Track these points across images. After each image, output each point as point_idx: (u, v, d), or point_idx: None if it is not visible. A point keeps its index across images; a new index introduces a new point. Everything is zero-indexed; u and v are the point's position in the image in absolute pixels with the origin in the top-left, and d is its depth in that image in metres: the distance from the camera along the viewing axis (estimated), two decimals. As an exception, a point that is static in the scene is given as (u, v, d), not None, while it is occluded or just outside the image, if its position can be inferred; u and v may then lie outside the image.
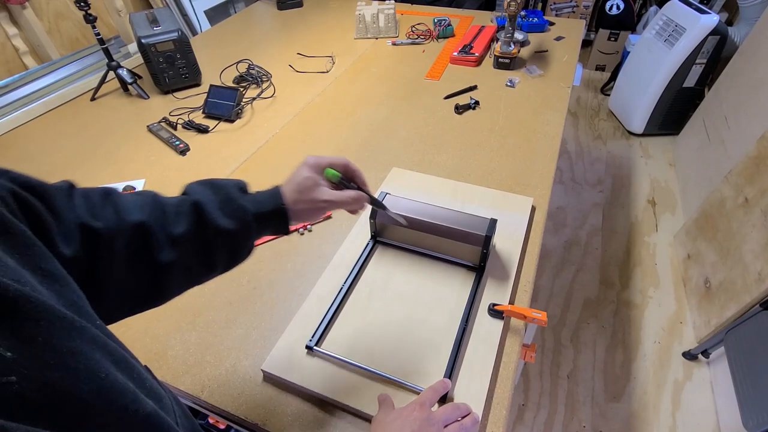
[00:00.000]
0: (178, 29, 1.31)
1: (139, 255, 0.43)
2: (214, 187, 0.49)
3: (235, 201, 0.48)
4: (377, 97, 1.33)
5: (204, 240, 0.46)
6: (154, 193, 0.47)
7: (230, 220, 0.47)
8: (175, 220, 0.45)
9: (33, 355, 0.25)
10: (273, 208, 0.50)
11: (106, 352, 0.30)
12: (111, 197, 0.43)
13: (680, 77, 2.23)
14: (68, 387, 0.26)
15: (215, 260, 0.48)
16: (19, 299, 0.25)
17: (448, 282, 0.76)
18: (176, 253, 0.44)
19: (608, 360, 1.54)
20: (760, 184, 1.36)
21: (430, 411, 0.54)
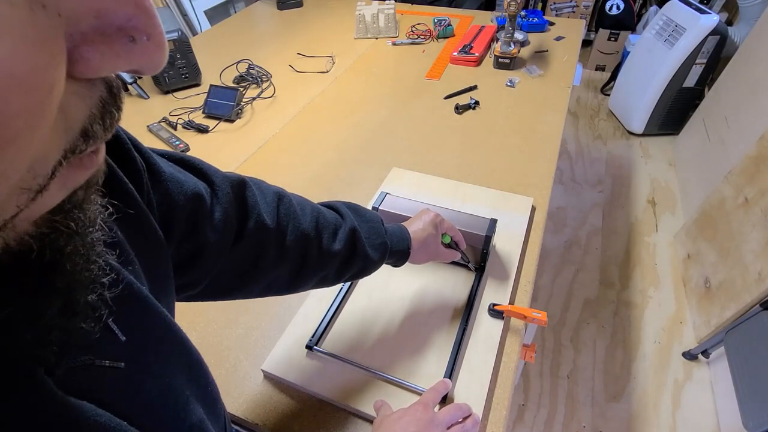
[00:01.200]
0: (178, 29, 1.31)
1: (297, 256, 0.49)
2: (360, 216, 0.57)
3: (381, 236, 0.56)
4: (377, 97, 1.33)
5: (349, 261, 0.54)
6: (313, 206, 0.54)
7: (375, 252, 0.55)
8: (333, 237, 0.52)
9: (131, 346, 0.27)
10: (403, 248, 0.59)
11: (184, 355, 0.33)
12: (284, 200, 0.50)
13: (680, 77, 2.23)
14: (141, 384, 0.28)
15: (344, 277, 0.56)
16: (138, 295, 0.28)
17: (448, 282, 0.76)
18: (325, 264, 0.52)
19: (608, 360, 1.54)
20: (760, 184, 1.36)
21: (433, 412, 0.54)
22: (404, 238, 0.59)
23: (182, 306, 0.77)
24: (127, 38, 0.16)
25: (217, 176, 0.43)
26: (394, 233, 0.59)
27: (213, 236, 0.41)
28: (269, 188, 0.50)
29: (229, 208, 0.43)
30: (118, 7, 0.15)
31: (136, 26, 0.16)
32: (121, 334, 0.26)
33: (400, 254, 0.59)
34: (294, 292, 0.53)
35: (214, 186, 0.42)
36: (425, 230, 0.62)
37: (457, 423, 0.55)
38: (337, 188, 1.00)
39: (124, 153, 0.33)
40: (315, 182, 1.02)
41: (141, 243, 0.31)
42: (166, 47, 0.17)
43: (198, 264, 0.41)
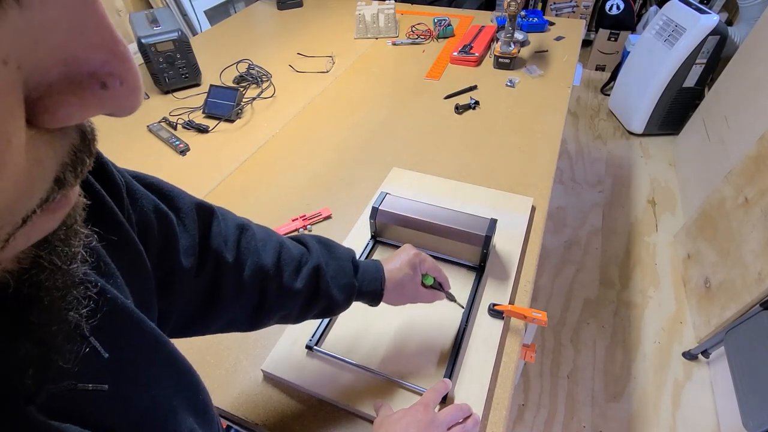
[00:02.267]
0: (178, 29, 1.31)
1: (254, 292, 0.47)
2: (330, 252, 0.53)
3: (348, 276, 0.53)
4: (377, 97, 1.33)
5: (311, 300, 0.51)
6: (279, 240, 0.51)
7: (339, 292, 0.52)
8: (294, 274, 0.49)
9: (115, 363, 0.26)
10: (374, 289, 0.55)
11: (173, 367, 0.33)
12: (246, 233, 0.48)
13: (680, 77, 2.23)
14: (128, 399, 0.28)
15: (308, 315, 0.53)
16: (124, 309, 0.28)
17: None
18: (286, 300, 0.49)
19: (608, 360, 1.54)
20: (760, 184, 1.36)
21: (434, 412, 0.54)
22: (376, 278, 0.55)
23: (182, 306, 0.77)
24: (99, 84, 0.15)
25: (185, 202, 0.42)
26: (366, 272, 0.55)
27: (183, 262, 0.40)
28: (233, 220, 0.48)
29: (195, 235, 0.42)
30: (90, 54, 0.15)
31: (109, 72, 0.15)
32: (104, 351, 0.25)
33: (371, 295, 0.55)
34: (256, 329, 0.51)
35: (180, 213, 0.41)
36: (401, 270, 0.57)
37: (457, 423, 0.55)
38: (337, 188, 1.00)
39: (101, 166, 0.32)
40: (315, 182, 1.02)
41: (122, 256, 0.31)
42: (140, 90, 0.17)
43: (170, 291, 0.40)
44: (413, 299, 0.60)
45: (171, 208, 0.40)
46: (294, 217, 0.91)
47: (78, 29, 0.14)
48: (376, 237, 0.83)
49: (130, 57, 0.16)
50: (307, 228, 0.90)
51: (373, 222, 0.80)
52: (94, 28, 0.15)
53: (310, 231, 0.90)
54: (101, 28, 0.15)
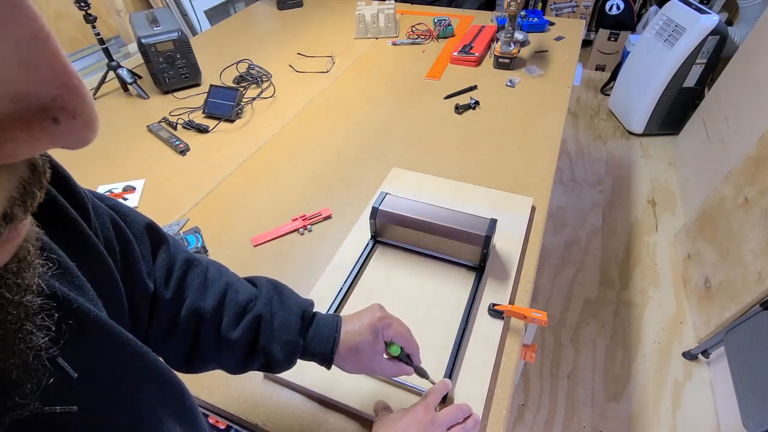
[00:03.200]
0: (178, 29, 1.31)
1: (188, 333, 0.44)
2: (282, 301, 0.48)
3: (293, 332, 0.47)
4: (377, 97, 1.33)
5: (249, 352, 0.46)
6: (228, 281, 0.47)
7: (280, 350, 0.46)
8: (234, 322, 0.45)
9: (87, 380, 0.25)
10: (322, 352, 0.48)
11: (155, 377, 0.32)
12: (193, 270, 0.45)
13: (680, 77, 2.23)
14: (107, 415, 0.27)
15: (248, 367, 0.48)
16: (96, 324, 0.27)
17: (448, 282, 0.76)
18: (221, 350, 0.45)
19: (608, 360, 1.54)
20: (760, 184, 1.36)
21: (434, 413, 0.54)
22: (328, 339, 0.48)
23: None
24: (50, 120, 0.15)
25: (138, 225, 0.41)
26: (318, 329, 0.49)
27: (148, 284, 0.39)
28: (184, 253, 0.46)
29: (149, 259, 0.41)
30: (39, 89, 0.14)
31: (61, 106, 0.15)
32: (72, 372, 0.24)
33: (320, 357, 0.48)
34: (193, 372, 0.47)
35: (135, 238, 0.40)
36: (360, 334, 0.49)
37: (457, 423, 0.55)
38: (337, 188, 1.00)
39: (64, 181, 0.32)
40: (315, 182, 1.02)
41: (92, 270, 0.30)
42: (94, 124, 0.16)
43: (139, 313, 0.39)
44: (371, 370, 0.51)
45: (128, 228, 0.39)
46: (294, 217, 0.91)
47: (27, 65, 0.14)
48: (376, 237, 0.83)
49: (84, 90, 0.16)
50: (307, 228, 0.90)
51: (373, 222, 0.80)
52: (46, 64, 0.14)
53: (311, 231, 0.90)
54: (53, 62, 0.15)
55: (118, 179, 1.04)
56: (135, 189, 1.01)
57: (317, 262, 0.82)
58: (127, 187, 1.02)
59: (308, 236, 0.89)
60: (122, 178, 1.05)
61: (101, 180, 1.04)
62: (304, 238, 0.88)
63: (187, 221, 0.92)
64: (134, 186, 1.02)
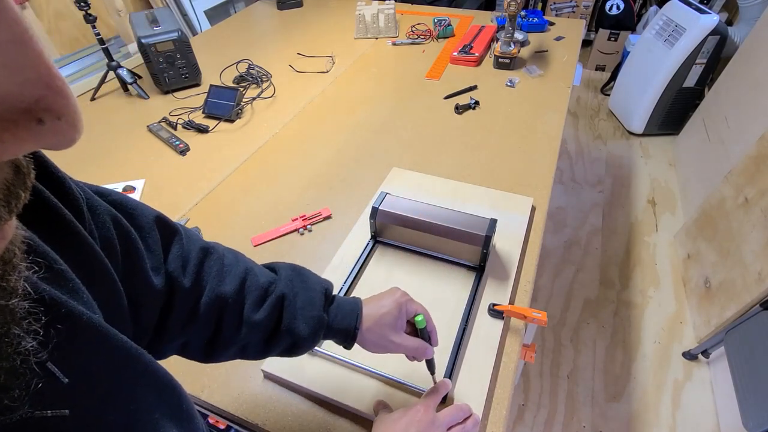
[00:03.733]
0: (178, 29, 1.31)
1: (210, 321, 0.44)
2: (303, 281, 0.49)
3: (317, 308, 0.47)
4: (377, 97, 1.33)
5: (273, 332, 0.47)
6: (246, 266, 0.47)
7: (305, 326, 0.47)
8: (256, 304, 0.45)
9: (79, 384, 0.25)
10: (347, 327, 0.49)
11: (152, 379, 0.31)
12: (210, 257, 0.45)
13: (680, 77, 2.23)
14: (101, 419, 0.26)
15: (271, 350, 0.48)
16: (88, 327, 0.26)
17: (448, 282, 0.76)
18: (244, 332, 0.45)
19: (608, 360, 1.54)
20: (760, 184, 1.36)
21: (434, 413, 0.54)
22: (351, 315, 0.50)
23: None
24: (35, 121, 0.15)
25: (147, 219, 0.40)
26: (341, 307, 0.50)
27: (154, 281, 0.39)
28: (198, 242, 0.45)
29: (159, 254, 0.40)
30: (23, 90, 0.14)
31: (45, 107, 0.15)
32: (63, 376, 0.24)
33: (344, 333, 0.49)
34: (212, 361, 0.47)
35: (143, 231, 0.39)
36: (384, 307, 0.51)
37: (457, 423, 0.55)
38: (338, 188, 1.00)
39: (58, 181, 0.31)
40: (315, 182, 1.02)
41: (87, 271, 0.30)
42: (79, 124, 0.16)
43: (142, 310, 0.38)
44: (393, 345, 0.52)
45: (134, 226, 0.38)
46: (294, 217, 0.91)
47: (11, 67, 0.14)
48: (376, 237, 0.83)
49: (68, 91, 0.16)
50: (307, 228, 0.90)
51: (373, 222, 0.80)
52: (30, 65, 0.15)
53: (311, 231, 0.90)
54: (37, 64, 0.15)
55: (118, 179, 1.04)
56: (135, 189, 1.01)
57: (317, 262, 0.82)
58: (127, 187, 1.02)
59: (308, 236, 0.89)
60: (122, 178, 1.05)
61: (101, 180, 1.04)
62: (304, 238, 0.88)
63: (187, 221, 0.92)
64: (134, 186, 1.02)
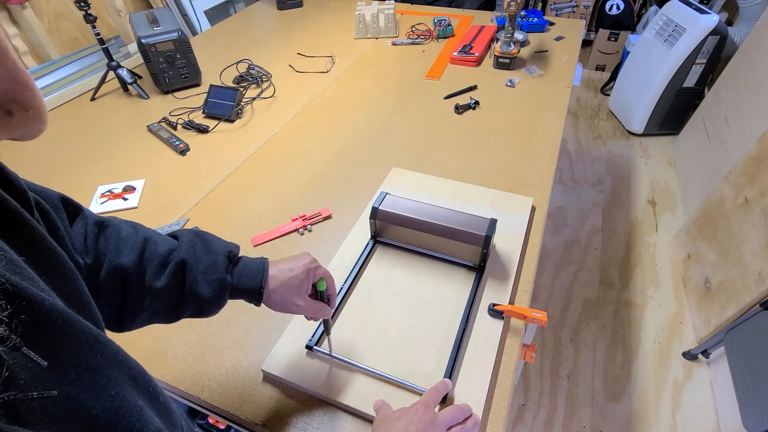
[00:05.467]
0: (178, 29, 1.31)
1: (114, 293, 0.45)
2: (206, 246, 0.50)
3: (220, 271, 0.49)
4: (377, 97, 1.33)
5: (178, 297, 0.48)
6: (145, 236, 0.48)
7: (208, 288, 0.48)
8: (158, 272, 0.47)
9: (56, 368, 0.26)
10: (251, 287, 0.52)
11: (125, 367, 0.32)
12: (105, 231, 0.46)
13: (680, 77, 2.23)
14: (83, 403, 0.27)
15: (181, 314, 0.50)
16: (51, 312, 0.27)
17: (448, 282, 0.76)
18: (148, 300, 0.47)
19: (608, 360, 1.54)
20: (760, 184, 1.36)
21: (434, 413, 0.54)
22: (257, 275, 0.52)
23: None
24: (4, 112, 0.16)
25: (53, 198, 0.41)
26: (247, 268, 0.52)
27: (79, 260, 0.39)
28: (92, 217, 0.46)
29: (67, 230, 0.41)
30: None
31: (13, 99, 0.16)
32: (41, 360, 0.24)
33: (249, 293, 0.52)
34: (125, 330, 0.48)
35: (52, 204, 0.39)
36: (292, 271, 0.53)
37: (457, 424, 0.55)
38: (337, 188, 1.00)
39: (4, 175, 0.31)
40: (315, 182, 1.02)
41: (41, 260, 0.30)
42: (45, 115, 0.17)
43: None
44: (295, 306, 0.54)
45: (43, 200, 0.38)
46: (294, 217, 0.91)
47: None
48: (376, 237, 0.83)
49: (33, 85, 0.17)
50: (307, 228, 0.90)
51: (373, 222, 0.80)
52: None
53: (311, 231, 0.90)
54: (4, 60, 0.15)
55: (118, 179, 1.04)
56: (135, 189, 1.01)
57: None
58: (127, 187, 1.02)
59: (308, 236, 0.89)
60: (122, 178, 1.05)
61: (101, 180, 1.04)
62: (304, 238, 0.88)
63: (188, 221, 0.92)
64: (134, 186, 1.02)
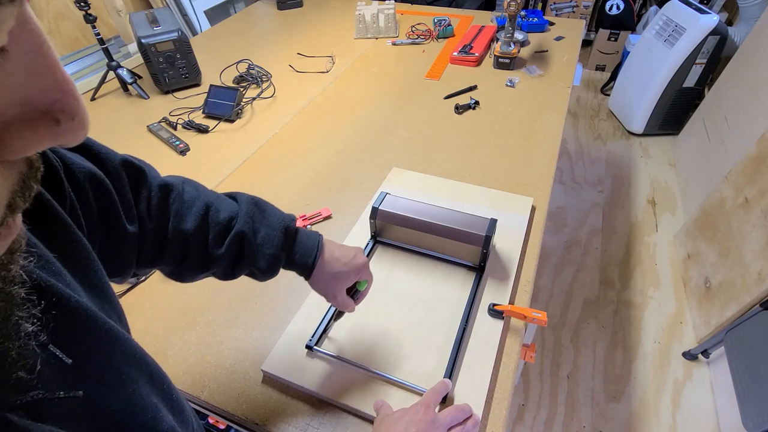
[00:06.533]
0: (178, 29, 1.31)
1: (176, 254, 0.48)
2: (264, 217, 0.51)
3: (275, 247, 0.51)
4: (377, 97, 1.33)
5: (235, 264, 0.51)
6: (207, 201, 0.49)
7: (264, 261, 0.50)
8: (218, 240, 0.49)
9: (79, 366, 0.26)
10: (303, 265, 0.53)
11: (141, 364, 0.32)
12: (170, 196, 0.47)
13: (680, 77, 2.23)
14: (102, 401, 0.27)
15: (235, 276, 0.53)
16: (77, 310, 0.27)
17: (448, 282, 0.76)
18: (207, 263, 0.50)
19: (608, 360, 1.54)
20: (760, 184, 1.36)
21: (435, 413, 0.54)
22: (309, 255, 0.53)
23: (182, 306, 0.77)
24: (53, 121, 0.17)
25: (114, 164, 0.41)
26: (301, 246, 0.53)
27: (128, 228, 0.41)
28: (157, 179, 0.47)
29: (127, 197, 0.42)
30: (43, 95, 0.16)
31: (61, 109, 0.17)
32: (66, 357, 0.25)
33: (301, 269, 0.54)
34: (182, 282, 0.53)
35: (112, 177, 0.41)
36: (346, 265, 0.55)
37: (458, 424, 0.55)
38: (337, 188, 1.00)
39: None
40: (315, 182, 1.02)
41: (68, 255, 0.31)
42: (88, 123, 0.18)
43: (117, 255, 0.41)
44: (332, 297, 0.57)
45: (104, 171, 0.39)
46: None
47: (33, 74, 0.16)
48: (376, 237, 0.83)
49: (79, 94, 0.18)
50: (307, 228, 0.89)
51: (373, 222, 0.80)
52: (48, 72, 0.17)
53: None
54: (54, 71, 0.16)
55: (118, 179, 1.04)
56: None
57: (317, 262, 0.82)
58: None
59: (308, 236, 0.89)
60: (122, 178, 1.05)
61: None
62: (304, 238, 0.88)
63: (187, 221, 0.92)
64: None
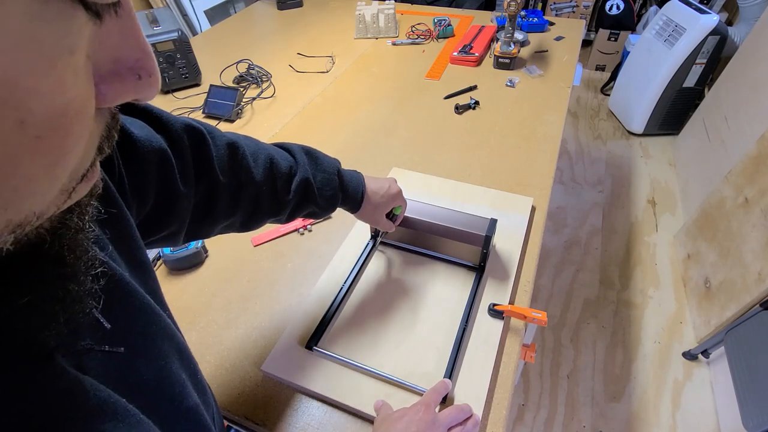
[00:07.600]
0: (178, 29, 1.31)
1: (248, 206, 0.52)
2: (317, 164, 0.58)
3: (333, 188, 0.58)
4: (377, 97, 1.33)
5: (299, 207, 0.57)
6: (268, 154, 0.53)
7: (324, 201, 0.58)
8: (285, 188, 0.54)
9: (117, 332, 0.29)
10: (353, 199, 0.62)
11: (173, 341, 0.34)
12: (237, 153, 0.50)
13: (680, 77, 2.23)
14: (137, 368, 0.30)
15: (296, 216, 0.59)
16: (120, 281, 0.30)
17: (448, 282, 0.76)
18: (276, 210, 0.55)
19: (608, 360, 1.54)
20: (760, 184, 1.36)
21: (435, 413, 0.54)
22: (357, 190, 0.62)
23: (182, 306, 0.77)
24: (135, 77, 0.20)
25: (176, 127, 0.43)
26: (350, 185, 0.61)
27: (182, 188, 0.43)
28: (221, 138, 0.49)
29: (189, 161, 0.44)
30: (130, 54, 0.20)
31: (143, 67, 0.20)
32: (106, 322, 0.27)
33: (351, 204, 0.62)
34: (248, 231, 0.57)
35: (174, 140, 0.42)
36: (384, 197, 0.65)
37: (458, 424, 0.55)
38: (337, 188, 1.00)
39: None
40: (315, 182, 1.02)
41: (114, 229, 0.32)
42: (160, 81, 0.21)
43: (172, 215, 0.43)
44: (376, 222, 0.68)
45: (164, 134, 0.41)
46: (294, 217, 0.91)
47: (123, 35, 0.19)
48: (376, 237, 0.83)
49: (154, 56, 0.21)
50: (307, 228, 0.90)
51: (373, 222, 0.80)
52: (134, 35, 0.19)
53: (311, 231, 0.90)
54: (138, 34, 0.20)
55: (118, 179, 1.04)
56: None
57: (317, 261, 0.82)
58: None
59: (308, 236, 0.89)
60: (122, 178, 1.05)
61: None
62: (304, 237, 0.88)
63: (187, 221, 0.92)
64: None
